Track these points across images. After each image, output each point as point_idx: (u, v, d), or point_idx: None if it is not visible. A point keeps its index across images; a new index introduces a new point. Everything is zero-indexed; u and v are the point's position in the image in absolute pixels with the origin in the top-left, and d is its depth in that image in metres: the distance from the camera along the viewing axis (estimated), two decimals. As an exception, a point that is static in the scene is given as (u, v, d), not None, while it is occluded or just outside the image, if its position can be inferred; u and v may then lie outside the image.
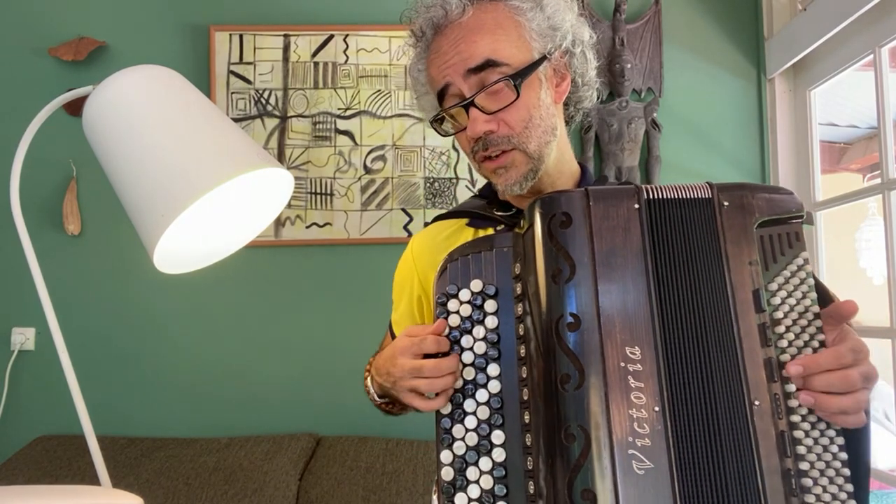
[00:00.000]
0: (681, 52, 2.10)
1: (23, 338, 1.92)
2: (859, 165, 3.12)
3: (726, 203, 0.71)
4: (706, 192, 0.71)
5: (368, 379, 0.94)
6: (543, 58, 0.86)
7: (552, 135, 0.89)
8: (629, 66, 2.03)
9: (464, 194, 2.01)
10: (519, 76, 0.84)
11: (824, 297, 0.71)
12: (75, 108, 1.92)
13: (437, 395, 0.74)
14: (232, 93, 1.99)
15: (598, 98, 1.00)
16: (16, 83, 1.98)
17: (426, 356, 0.75)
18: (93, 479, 1.03)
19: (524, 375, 0.71)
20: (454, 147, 2.02)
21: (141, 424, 1.92)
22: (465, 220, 0.98)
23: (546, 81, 0.88)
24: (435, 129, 0.92)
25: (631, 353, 0.65)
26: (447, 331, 0.75)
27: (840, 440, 0.66)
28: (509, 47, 0.84)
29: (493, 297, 0.74)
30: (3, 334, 1.93)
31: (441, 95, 0.88)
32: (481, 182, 2.01)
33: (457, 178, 2.02)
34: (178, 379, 1.95)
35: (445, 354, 0.74)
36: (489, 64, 0.83)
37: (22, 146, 1.00)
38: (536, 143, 0.87)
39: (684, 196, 0.71)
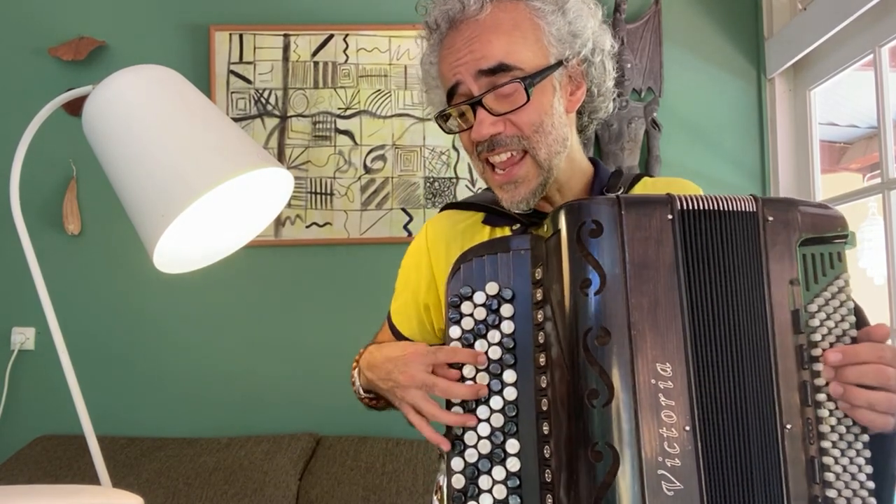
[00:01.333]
0: (681, 52, 2.10)
1: (23, 338, 1.92)
2: (859, 165, 3.11)
3: (771, 218, 0.67)
4: (751, 206, 0.68)
5: (356, 371, 0.92)
6: (559, 63, 0.83)
7: (563, 146, 0.85)
8: (629, 65, 2.03)
9: (464, 194, 2.00)
10: (531, 79, 0.80)
11: (861, 319, 0.69)
12: (75, 107, 1.92)
13: None
14: (232, 92, 1.99)
15: (614, 109, 0.97)
16: (16, 83, 1.98)
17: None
18: (93, 479, 1.03)
19: (543, 385, 0.68)
20: (454, 147, 2.02)
21: (141, 424, 1.92)
22: (480, 216, 0.94)
23: (560, 89, 0.84)
24: (440, 126, 0.89)
25: (662, 369, 0.63)
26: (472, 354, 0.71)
27: (868, 469, 0.64)
28: (525, 51, 0.81)
29: (510, 301, 0.71)
30: (3, 334, 1.93)
31: (451, 93, 0.86)
32: (482, 181, 2.01)
33: (457, 178, 2.02)
34: (178, 379, 1.95)
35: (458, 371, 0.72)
36: (501, 68, 0.80)
37: (22, 146, 1.00)
38: (546, 152, 0.83)
39: (726, 208, 0.68)
